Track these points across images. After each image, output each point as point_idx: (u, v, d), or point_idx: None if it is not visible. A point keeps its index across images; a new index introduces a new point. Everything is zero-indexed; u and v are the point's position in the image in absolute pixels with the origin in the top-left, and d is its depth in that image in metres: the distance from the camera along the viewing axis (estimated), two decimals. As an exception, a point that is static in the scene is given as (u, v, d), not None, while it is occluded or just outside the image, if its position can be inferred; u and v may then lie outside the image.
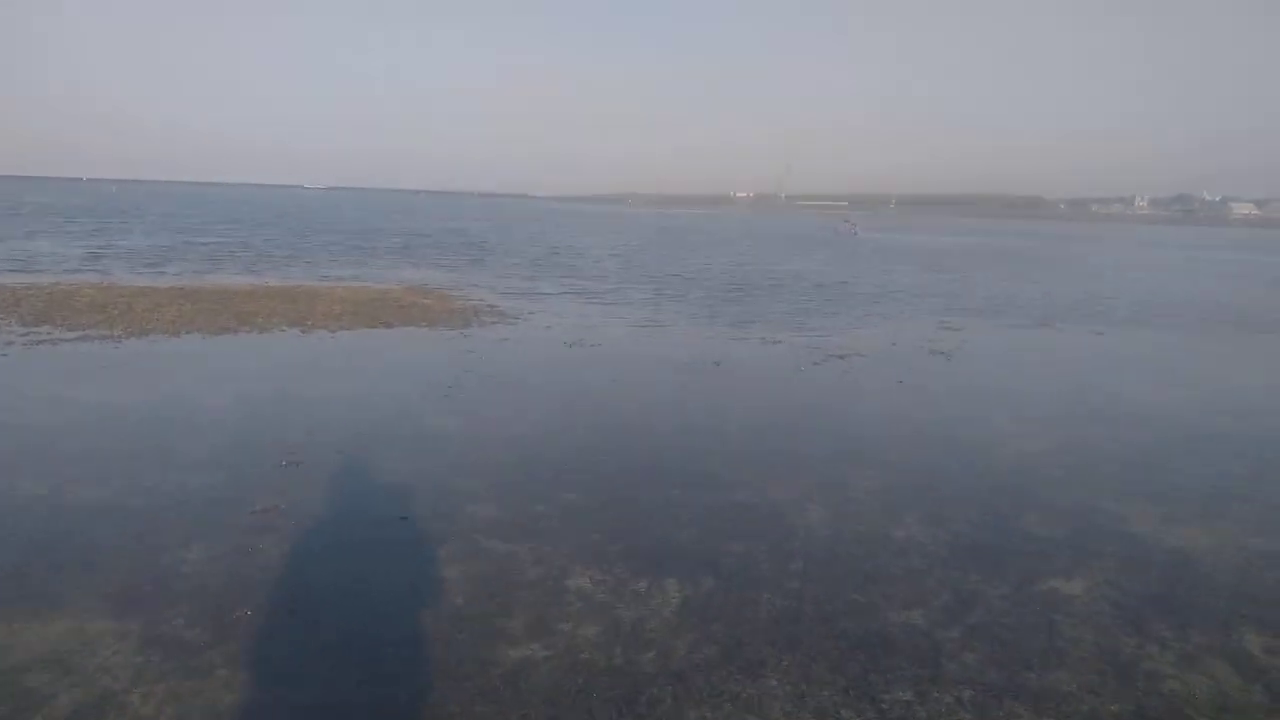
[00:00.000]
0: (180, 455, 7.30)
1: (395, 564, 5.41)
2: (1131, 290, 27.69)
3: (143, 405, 8.97)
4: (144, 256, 26.06)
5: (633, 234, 59.24)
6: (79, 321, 13.51)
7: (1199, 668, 4.52)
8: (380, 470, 7.17)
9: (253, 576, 5.14)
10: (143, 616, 4.61)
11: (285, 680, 4.10)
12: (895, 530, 6.26)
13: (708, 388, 10.97)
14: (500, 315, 16.39)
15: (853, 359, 13.07)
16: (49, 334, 12.50)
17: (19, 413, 8.42)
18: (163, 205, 73.35)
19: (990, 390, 11.54)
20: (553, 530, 6.03)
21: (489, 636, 4.58)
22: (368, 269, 25.17)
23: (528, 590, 5.14)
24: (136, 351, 11.69)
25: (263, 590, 4.98)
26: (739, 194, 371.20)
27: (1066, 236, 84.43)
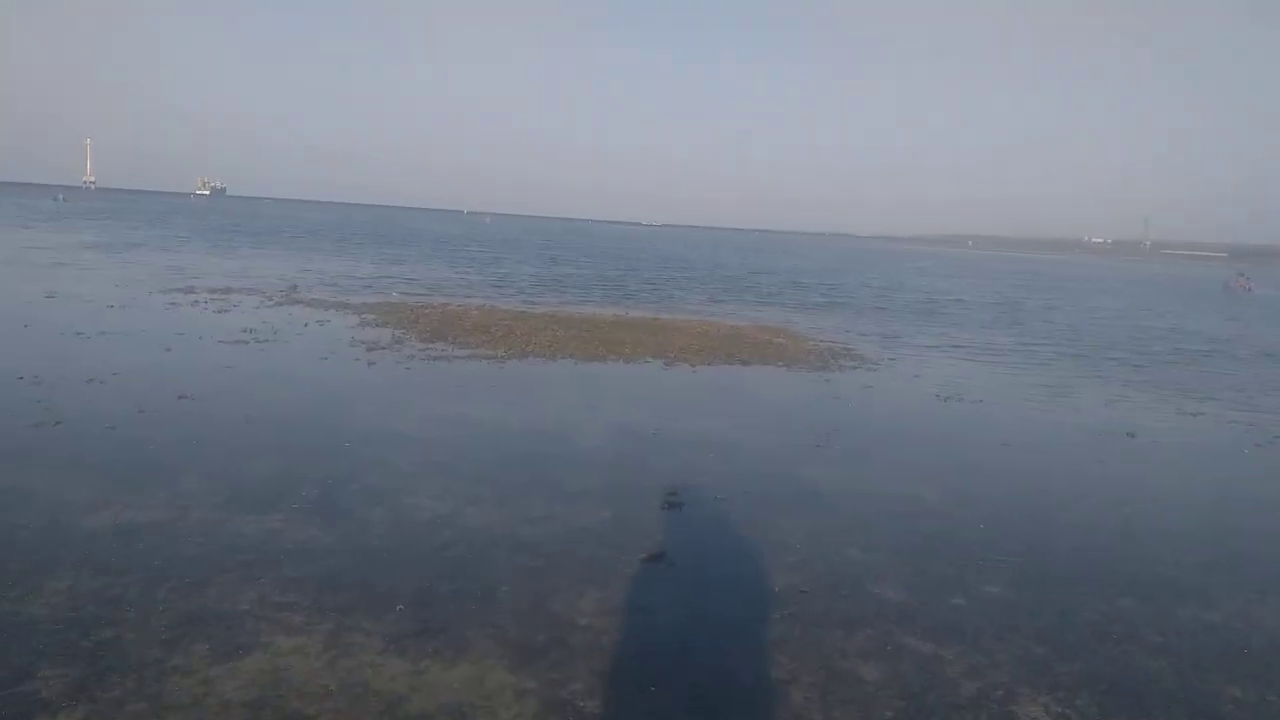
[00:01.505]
0: (565, 486, 7.17)
1: (807, 650, 4.67)
2: None
3: (529, 429, 9.12)
4: (520, 284, 28.17)
5: (984, 278, 55.58)
6: (467, 340, 14.47)
7: None
8: (765, 524, 6.54)
9: (651, 643, 4.66)
10: (541, 674, 4.25)
11: (698, 787, 3.49)
12: None
13: (1127, 465, 9.26)
14: (859, 359, 15.43)
15: (1311, 443, 10.58)
16: (442, 351, 13.44)
17: (424, 426, 8.84)
18: (532, 239, 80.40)
19: None
20: (981, 633, 5.01)
21: (933, 772, 3.70)
22: (720, 305, 25.26)
23: (968, 713, 4.17)
24: (519, 373, 12.18)
25: (664, 663, 4.46)
26: (1094, 239, 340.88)
27: None
